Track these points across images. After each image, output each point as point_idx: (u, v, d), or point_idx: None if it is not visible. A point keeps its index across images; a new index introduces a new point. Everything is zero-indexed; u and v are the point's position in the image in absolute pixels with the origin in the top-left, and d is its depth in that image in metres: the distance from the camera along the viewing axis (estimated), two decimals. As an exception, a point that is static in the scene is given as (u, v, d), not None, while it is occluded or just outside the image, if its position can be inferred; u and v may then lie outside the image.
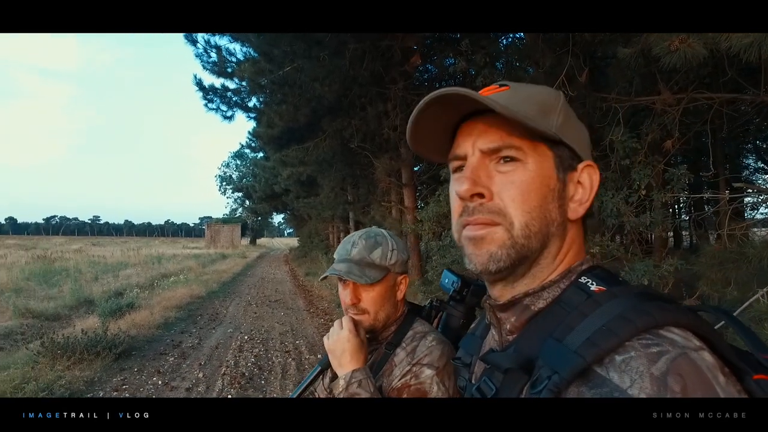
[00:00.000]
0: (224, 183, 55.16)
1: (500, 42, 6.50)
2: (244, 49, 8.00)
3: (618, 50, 3.24)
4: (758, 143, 12.44)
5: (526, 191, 0.59)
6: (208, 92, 8.47)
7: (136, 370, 5.24)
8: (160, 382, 4.86)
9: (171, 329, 7.39)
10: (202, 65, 8.03)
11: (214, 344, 6.52)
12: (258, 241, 62.36)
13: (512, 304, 0.63)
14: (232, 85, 8.61)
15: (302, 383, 1.09)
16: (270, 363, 5.65)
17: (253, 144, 25.83)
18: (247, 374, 5.16)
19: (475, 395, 0.62)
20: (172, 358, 5.76)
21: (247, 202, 50.23)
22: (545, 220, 0.60)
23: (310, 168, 11.67)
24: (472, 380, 0.73)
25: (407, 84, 7.78)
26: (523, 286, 0.62)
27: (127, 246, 33.59)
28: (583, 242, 0.66)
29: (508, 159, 0.60)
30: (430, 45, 8.10)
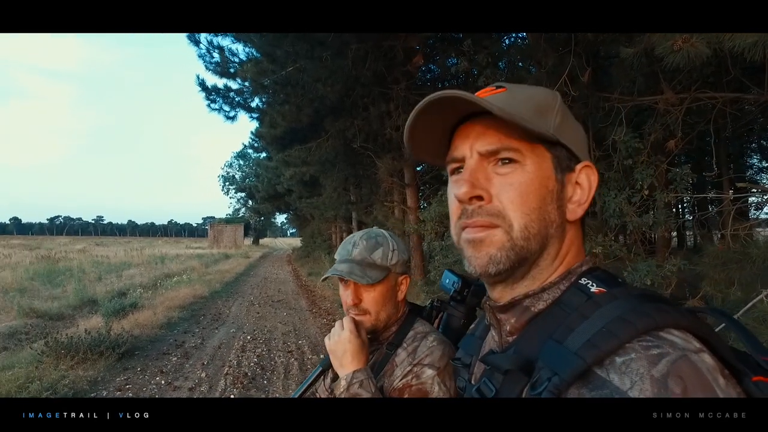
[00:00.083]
0: (227, 183, 55.24)
1: (503, 42, 6.49)
2: (246, 49, 8.01)
3: (621, 50, 3.23)
4: (762, 143, 12.38)
5: (525, 193, 0.59)
6: (211, 93, 8.48)
7: (139, 369, 5.26)
8: (163, 382, 4.87)
9: (174, 329, 7.41)
10: (205, 66, 8.05)
11: (217, 344, 6.53)
12: (261, 241, 62.41)
13: (512, 305, 0.63)
14: (234, 86, 8.63)
15: (303, 384, 1.09)
16: (273, 363, 5.66)
17: (256, 144, 25.86)
18: (249, 374, 5.17)
19: (474, 396, 0.62)
20: (175, 358, 5.77)
21: (250, 202, 50.33)
22: (544, 222, 0.60)
23: (312, 168, 11.68)
24: (472, 381, 0.73)
25: (410, 84, 7.77)
26: (522, 288, 0.62)
27: (131, 246, 33.68)
28: (582, 243, 0.66)
29: (507, 161, 0.60)
30: (433, 45, 8.10)
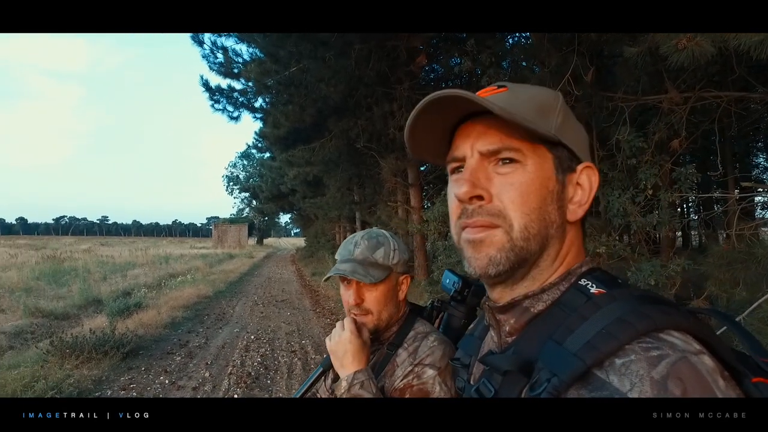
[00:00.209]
0: (231, 183, 55.34)
1: (506, 42, 6.48)
2: (250, 49, 8.03)
3: (624, 49, 3.22)
4: (768, 142, 12.31)
5: (526, 193, 0.58)
6: (214, 93, 8.50)
7: (143, 369, 5.28)
8: (167, 382, 4.89)
9: (178, 329, 7.44)
10: (209, 66, 8.08)
11: (221, 344, 6.55)
12: (265, 241, 62.49)
13: (512, 306, 0.63)
14: (238, 86, 8.64)
15: (304, 384, 1.09)
16: (276, 363, 5.67)
17: (260, 144, 25.93)
18: (253, 374, 5.18)
19: (473, 397, 0.62)
20: (179, 358, 5.79)
21: (254, 202, 50.38)
22: (544, 222, 0.59)
23: (316, 168, 11.69)
24: (471, 381, 0.73)
25: (413, 84, 7.77)
26: (522, 289, 0.62)
27: (135, 246, 33.74)
28: (582, 244, 0.66)
29: (507, 161, 0.59)
30: (436, 45, 8.09)
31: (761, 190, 5.09)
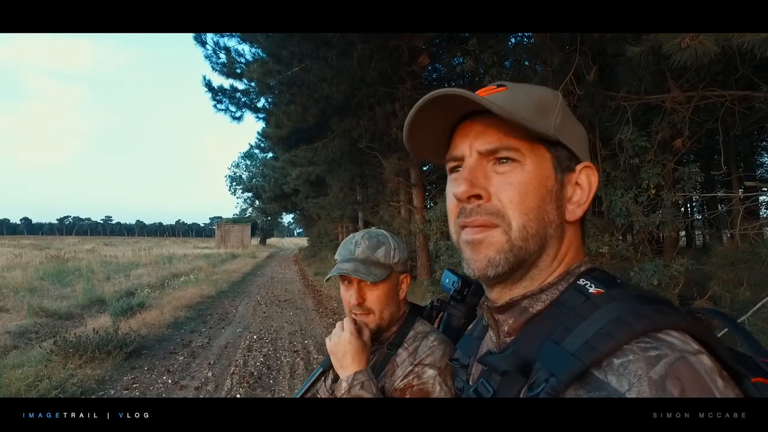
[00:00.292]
0: (234, 183, 55.50)
1: (508, 41, 6.47)
2: (252, 50, 8.05)
3: (627, 48, 3.21)
4: (773, 141, 12.24)
5: (524, 192, 0.58)
6: (217, 93, 8.53)
7: (146, 369, 5.29)
8: (170, 381, 4.90)
9: (181, 329, 7.45)
10: (212, 66, 8.10)
11: (224, 344, 6.56)
12: (268, 240, 62.63)
13: (510, 306, 0.62)
14: (240, 86, 8.67)
15: (304, 385, 1.09)
16: (279, 363, 5.68)
17: (263, 144, 25.92)
18: (255, 374, 5.19)
19: (472, 397, 0.62)
20: (182, 357, 5.81)
21: (257, 202, 50.46)
22: (543, 222, 0.59)
23: (319, 168, 11.70)
24: (470, 382, 0.73)
25: (415, 84, 7.77)
26: (521, 289, 0.62)
27: (139, 246, 33.88)
28: (581, 244, 0.66)
29: (506, 160, 0.59)
30: (438, 45, 8.08)
31: (765, 189, 5.06)
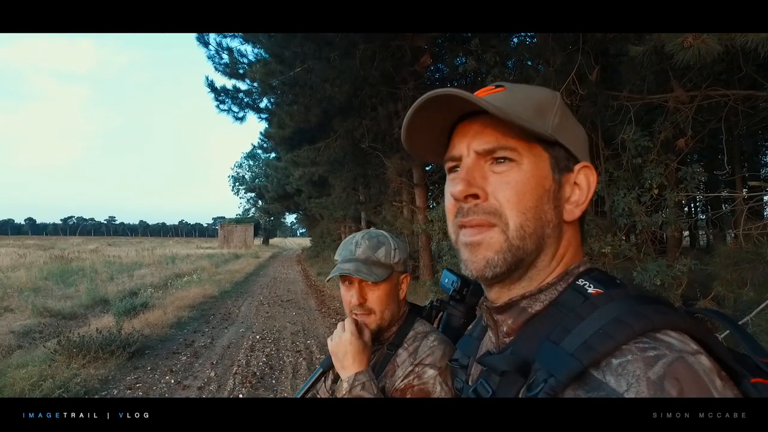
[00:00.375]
0: (237, 183, 55.62)
1: (511, 41, 6.46)
2: (255, 50, 8.07)
3: (630, 48, 3.20)
4: (777, 141, 12.19)
5: (521, 192, 0.58)
6: (220, 94, 8.55)
7: (149, 368, 5.31)
8: (173, 381, 4.91)
9: (184, 329, 7.47)
10: (215, 67, 8.12)
11: (226, 344, 6.57)
12: (271, 241, 62.67)
13: (509, 306, 0.62)
14: (243, 87, 8.69)
15: (305, 385, 1.09)
16: (281, 363, 5.68)
17: (265, 145, 25.93)
18: (258, 374, 5.20)
19: (471, 397, 0.62)
20: (185, 357, 5.82)
21: (260, 203, 50.57)
22: (540, 221, 0.59)
23: (321, 168, 11.72)
24: (469, 382, 0.73)
25: (418, 84, 7.76)
26: (520, 289, 0.62)
27: (142, 246, 34.00)
28: (580, 244, 0.65)
29: (503, 160, 0.59)
30: (441, 45, 8.08)
31: (769, 189, 5.03)
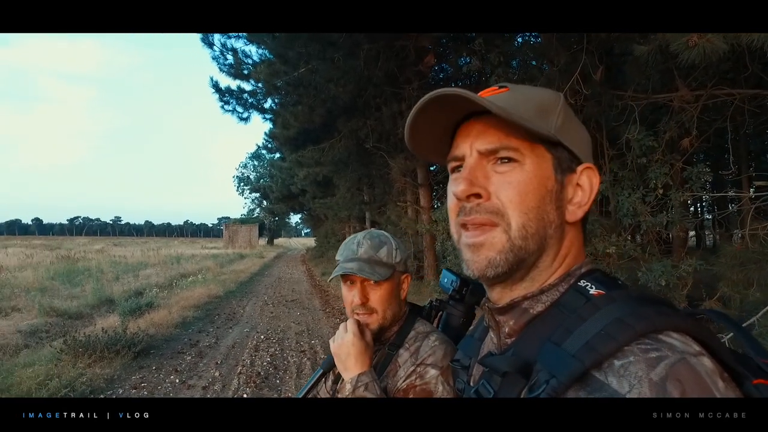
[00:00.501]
0: (242, 184, 55.71)
1: (515, 41, 6.44)
2: (259, 51, 8.09)
3: (634, 47, 3.18)
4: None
5: (524, 192, 0.58)
6: (224, 94, 8.58)
7: (154, 368, 5.33)
8: (178, 381, 4.93)
9: (189, 328, 7.50)
10: (219, 67, 8.15)
11: (231, 344, 6.59)
12: (275, 241, 62.81)
13: (511, 307, 0.62)
14: (248, 87, 8.72)
15: (305, 386, 1.10)
16: (285, 363, 5.69)
17: (270, 145, 26.07)
18: (262, 373, 5.21)
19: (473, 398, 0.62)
20: (190, 357, 5.84)
21: (265, 203, 50.65)
22: (543, 222, 0.59)
23: (326, 168, 11.74)
24: (471, 383, 0.72)
25: (422, 84, 7.76)
26: (521, 290, 0.62)
27: (147, 246, 34.11)
28: (582, 245, 0.65)
29: (506, 160, 0.59)
30: (445, 44, 8.07)
31: (776, 188, 5.00)
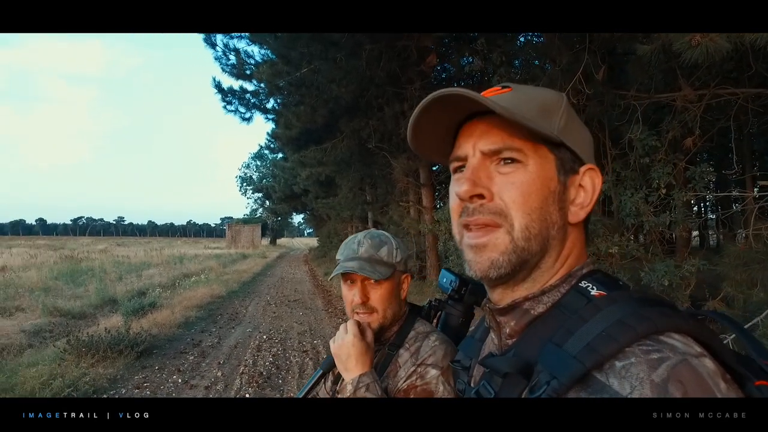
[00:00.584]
0: (245, 184, 55.82)
1: (517, 40, 6.44)
2: (262, 51, 8.11)
3: (637, 47, 3.17)
4: (789, 139, 12.01)
5: (527, 192, 0.58)
6: (227, 94, 8.60)
7: (157, 368, 5.34)
8: (180, 381, 4.94)
9: (191, 328, 7.51)
10: (222, 68, 8.18)
11: (233, 343, 6.60)
12: (278, 241, 62.92)
13: (512, 308, 0.62)
14: (250, 87, 8.74)
15: (305, 387, 1.10)
16: (288, 363, 5.70)
17: (272, 145, 26.10)
18: (265, 373, 5.22)
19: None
20: (192, 357, 5.85)
21: (267, 203, 50.73)
22: (545, 223, 0.59)
23: (328, 168, 11.75)
24: (471, 384, 0.72)
25: (424, 84, 7.76)
26: (523, 290, 0.62)
27: (151, 246, 34.23)
28: (584, 246, 0.65)
29: (509, 160, 0.59)
30: (447, 44, 8.07)
31: (780, 188, 4.97)
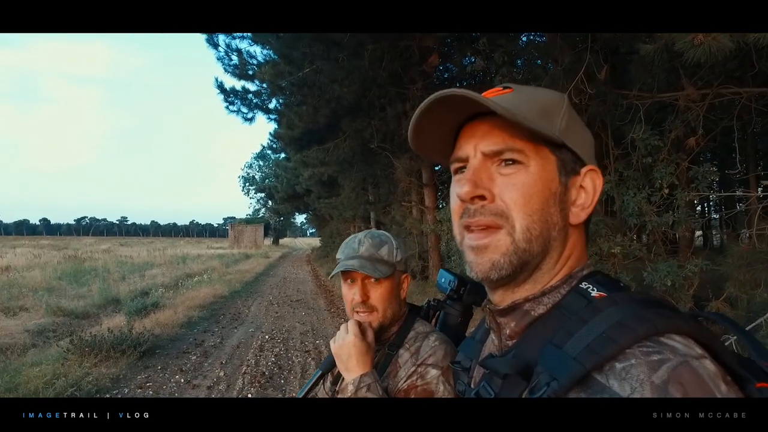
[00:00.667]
0: (247, 184, 55.92)
1: (519, 40, 6.43)
2: (264, 51, 8.12)
3: (640, 46, 3.16)
4: (793, 139, 11.96)
5: (528, 194, 0.58)
6: (229, 95, 8.62)
7: (159, 368, 5.36)
8: (183, 380, 4.95)
9: (194, 328, 7.53)
10: (224, 68, 8.18)
11: (236, 343, 6.61)
12: (280, 241, 62.95)
13: (512, 309, 0.62)
14: (252, 88, 8.75)
15: (305, 387, 1.10)
16: (290, 363, 5.70)
17: (275, 145, 26.10)
18: (267, 373, 5.22)
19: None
20: (195, 357, 5.86)
21: (270, 203, 50.81)
22: (546, 224, 0.59)
23: (330, 168, 11.76)
24: (471, 385, 0.72)
25: (426, 84, 7.76)
26: (523, 292, 0.62)
27: (154, 246, 34.34)
28: (584, 247, 0.65)
29: (510, 162, 0.59)
30: (449, 44, 8.06)
31: (784, 188, 4.95)
